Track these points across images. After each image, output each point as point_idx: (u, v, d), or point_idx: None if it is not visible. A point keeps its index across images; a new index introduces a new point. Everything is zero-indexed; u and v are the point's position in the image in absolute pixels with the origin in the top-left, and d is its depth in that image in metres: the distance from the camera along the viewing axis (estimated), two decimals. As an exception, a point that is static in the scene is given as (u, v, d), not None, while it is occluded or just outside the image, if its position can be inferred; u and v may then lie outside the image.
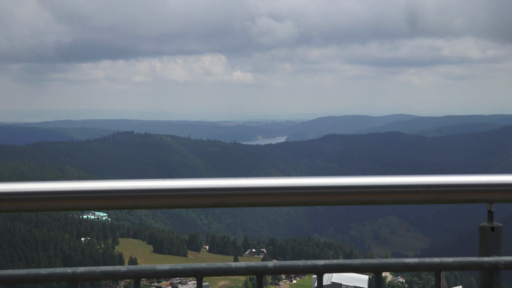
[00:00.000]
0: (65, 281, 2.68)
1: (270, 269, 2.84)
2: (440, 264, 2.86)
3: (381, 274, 2.89)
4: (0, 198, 2.71)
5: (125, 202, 2.82)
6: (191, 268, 2.77)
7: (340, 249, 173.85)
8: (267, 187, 2.88)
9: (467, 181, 2.95)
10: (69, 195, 2.75)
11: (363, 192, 2.93)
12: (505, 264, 2.82)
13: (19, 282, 2.68)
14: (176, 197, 2.83)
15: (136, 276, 2.75)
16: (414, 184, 2.95)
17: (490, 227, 2.90)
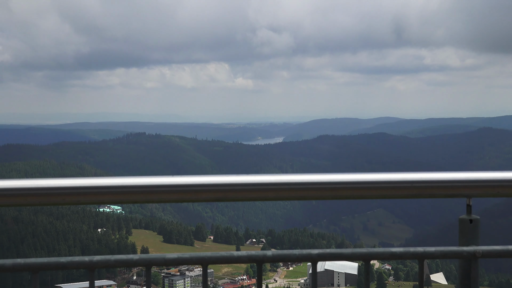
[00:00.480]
0: (82, 268, 2.70)
1: (269, 258, 2.84)
2: (423, 253, 2.88)
3: (370, 262, 2.90)
4: (25, 193, 2.72)
5: (138, 197, 2.83)
6: (197, 257, 2.78)
7: (332, 239, 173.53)
8: (266, 183, 2.89)
9: (447, 177, 2.97)
10: (87, 190, 2.76)
11: (353, 187, 2.95)
12: (482, 253, 2.83)
13: (42, 269, 2.68)
14: (184, 192, 2.84)
15: (147, 264, 2.76)
16: (399, 180, 2.96)
17: (469, 219, 2.92)
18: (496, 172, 3.01)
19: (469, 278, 2.91)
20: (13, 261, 2.67)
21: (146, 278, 2.82)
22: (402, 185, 2.96)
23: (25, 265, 2.67)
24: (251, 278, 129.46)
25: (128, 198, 2.84)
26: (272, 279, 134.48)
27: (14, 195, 2.72)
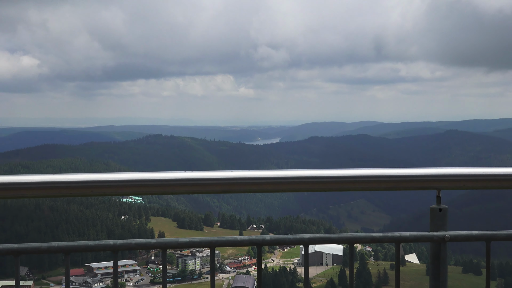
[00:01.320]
0: (108, 250, 2.70)
1: (267, 241, 2.85)
2: (399, 237, 2.88)
3: (353, 244, 2.91)
4: (59, 186, 2.73)
5: (155, 189, 2.84)
6: (206, 240, 2.79)
7: (321, 225, 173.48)
8: (265, 177, 2.90)
9: (420, 172, 2.97)
10: (112, 183, 2.77)
11: (339, 181, 2.95)
12: (450, 237, 2.84)
13: (73, 251, 2.68)
14: (195, 185, 2.85)
15: (163, 246, 2.76)
16: (379, 175, 2.96)
17: (438, 208, 2.92)
18: (461, 168, 3.01)
19: (439, 259, 2.91)
20: (49, 244, 2.67)
21: (162, 259, 2.83)
22: (380, 179, 2.96)
23: (59, 247, 2.67)
24: (252, 258, 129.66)
25: (147, 190, 2.84)
26: (270, 259, 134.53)
27: (51, 188, 2.73)
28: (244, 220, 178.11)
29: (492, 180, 2.98)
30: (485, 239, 2.90)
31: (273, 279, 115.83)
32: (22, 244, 2.60)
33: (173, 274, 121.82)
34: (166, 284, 2.88)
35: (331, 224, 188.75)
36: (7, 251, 2.55)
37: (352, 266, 2.94)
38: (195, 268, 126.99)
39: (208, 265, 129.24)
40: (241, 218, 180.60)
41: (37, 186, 2.70)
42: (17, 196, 2.69)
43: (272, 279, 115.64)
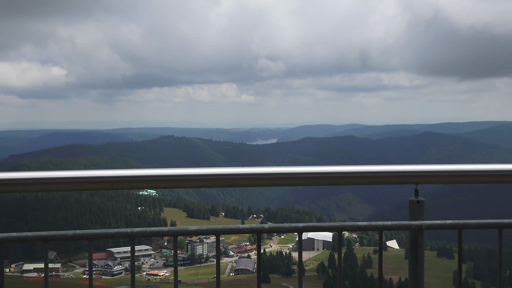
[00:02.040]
0: (126, 237, 2.70)
1: (266, 229, 2.85)
2: (382, 226, 2.88)
3: (342, 232, 2.91)
4: (84, 181, 2.74)
5: (168, 183, 2.84)
6: (212, 229, 2.78)
7: (313, 215, 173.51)
8: (264, 173, 2.89)
9: (400, 169, 2.97)
10: (130, 178, 2.77)
11: (329, 176, 2.95)
12: (427, 226, 2.84)
13: (95, 238, 2.68)
14: (202, 180, 2.85)
15: (174, 234, 2.76)
16: (364, 171, 2.96)
17: (416, 200, 2.92)
18: (436, 165, 3.02)
19: (417, 245, 2.91)
20: (74, 232, 2.67)
21: (174, 245, 2.83)
22: (365, 175, 2.96)
23: (83, 235, 2.67)
24: (252, 244, 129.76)
25: (161, 184, 2.85)
26: (268, 245, 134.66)
27: (76, 182, 2.74)
28: (246, 211, 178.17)
29: (463, 176, 2.98)
30: (458, 227, 2.91)
31: (271, 262, 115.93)
32: (50, 232, 2.60)
33: (183, 258, 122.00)
34: (177, 267, 2.88)
35: (322, 214, 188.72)
36: (38, 238, 2.56)
37: (340, 251, 2.94)
38: (203, 253, 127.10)
39: (214, 250, 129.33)
40: (243, 209, 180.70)
41: (64, 181, 2.71)
42: (47, 190, 2.70)
43: (270, 262, 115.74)
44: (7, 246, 2.56)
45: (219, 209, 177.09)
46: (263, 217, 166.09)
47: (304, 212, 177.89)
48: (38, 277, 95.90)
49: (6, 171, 2.72)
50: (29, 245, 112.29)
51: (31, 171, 2.74)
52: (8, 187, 2.66)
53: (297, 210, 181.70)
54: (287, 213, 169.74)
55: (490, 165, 3.01)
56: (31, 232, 2.57)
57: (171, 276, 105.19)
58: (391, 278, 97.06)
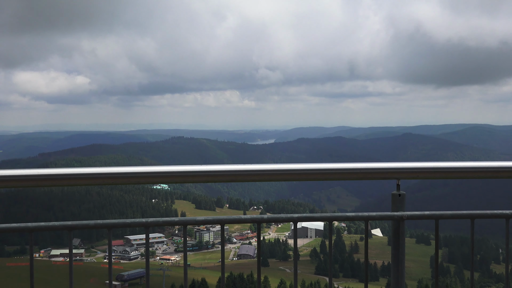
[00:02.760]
0: (141, 226, 2.70)
1: (265, 219, 2.85)
2: (367, 216, 2.88)
3: (332, 222, 2.90)
4: (104, 176, 2.73)
5: (178, 179, 2.84)
6: (218, 219, 2.78)
7: (307, 207, 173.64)
8: (263, 169, 2.89)
9: (383, 166, 2.97)
10: (145, 174, 2.77)
11: (320, 172, 2.94)
12: (407, 216, 2.84)
13: (114, 227, 2.69)
14: (209, 176, 2.84)
15: (184, 223, 2.76)
16: (351, 168, 2.95)
17: (398, 194, 2.92)
18: (415, 163, 3.02)
19: (398, 233, 2.91)
20: (95, 222, 2.67)
21: (183, 233, 2.82)
22: (353, 171, 2.96)
23: (103, 224, 2.67)
24: (253, 232, 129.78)
25: (172, 179, 2.84)
26: (267, 233, 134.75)
27: (97, 178, 2.74)
28: (247, 203, 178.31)
29: (439, 172, 2.98)
30: (435, 218, 2.90)
31: (270, 248, 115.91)
32: (75, 221, 2.61)
33: (192, 244, 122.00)
34: (186, 252, 2.88)
35: (314, 206, 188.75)
36: (63, 227, 2.56)
37: (331, 239, 2.93)
38: (209, 240, 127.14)
39: (219, 237, 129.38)
40: (244, 201, 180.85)
41: (87, 176, 2.71)
42: (72, 184, 2.70)
43: (269, 248, 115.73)
44: (36, 234, 2.58)
45: (223, 201, 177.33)
46: (263, 208, 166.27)
47: (299, 204, 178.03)
48: (64, 261, 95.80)
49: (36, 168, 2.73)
50: (56, 233, 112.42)
51: (58, 168, 2.74)
52: (38, 182, 2.67)
53: (293, 202, 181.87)
54: (283, 205, 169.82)
55: (463, 163, 3.00)
56: (58, 222, 2.57)
57: (181, 260, 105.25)
58: (375, 262, 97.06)
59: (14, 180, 2.65)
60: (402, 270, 2.91)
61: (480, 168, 2.98)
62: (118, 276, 78.46)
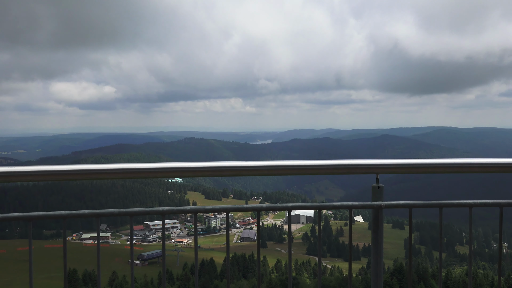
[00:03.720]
0: (158, 214, 2.70)
1: (264, 208, 2.84)
2: (351, 205, 2.87)
3: (321, 210, 2.90)
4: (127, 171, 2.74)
5: (190, 173, 2.83)
6: (223, 207, 2.78)
7: (299, 197, 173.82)
8: (262, 165, 2.88)
9: (365, 162, 2.96)
10: (162, 170, 2.77)
11: (311, 168, 2.94)
12: (385, 205, 2.84)
13: (135, 215, 2.68)
14: (216, 171, 2.84)
15: (195, 211, 2.75)
16: (337, 164, 2.95)
17: (377, 186, 2.92)
18: (392, 160, 3.01)
19: (377, 219, 2.91)
20: (119, 210, 2.67)
21: (194, 219, 2.82)
22: (338, 167, 2.95)
23: (126, 212, 2.67)
24: (253, 219, 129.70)
25: (185, 174, 2.84)
26: (265, 219, 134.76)
27: (121, 172, 2.75)
28: (249, 194, 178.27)
29: (412, 168, 2.98)
30: (408, 206, 2.90)
31: (268, 233, 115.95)
32: (102, 210, 2.61)
33: (202, 229, 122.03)
34: (197, 236, 2.88)
35: (306, 196, 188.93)
36: (92, 214, 2.57)
37: (320, 224, 2.94)
38: (216, 225, 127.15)
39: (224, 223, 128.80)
40: (246, 192, 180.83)
41: (112, 171, 2.71)
42: (100, 178, 2.70)
43: (267, 232, 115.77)
44: (69, 220, 2.59)
45: (228, 193, 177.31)
46: (262, 198, 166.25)
47: (293, 195, 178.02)
48: (93, 243, 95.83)
49: (69, 164, 2.74)
50: (86, 219, 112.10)
51: (87, 164, 2.75)
52: (71, 176, 2.67)
53: (287, 193, 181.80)
54: (279, 195, 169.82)
55: (432, 160, 3.00)
56: (87, 210, 2.58)
57: (192, 243, 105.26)
58: (357, 244, 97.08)
59: (51, 174, 2.66)
60: (380, 251, 2.91)
61: (447, 164, 2.98)
62: (139, 256, 78.45)
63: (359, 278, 63.71)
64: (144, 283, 52.08)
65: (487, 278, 47.92)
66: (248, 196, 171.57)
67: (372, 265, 2.91)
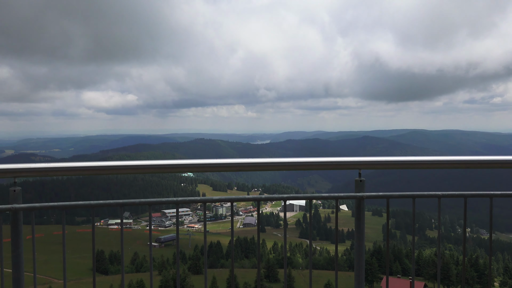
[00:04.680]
0: (172, 203, 2.69)
1: (263, 198, 2.83)
2: (337, 196, 2.87)
3: (311, 200, 2.90)
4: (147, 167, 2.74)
5: (200, 169, 2.83)
6: (228, 198, 2.77)
7: (293, 189, 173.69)
8: (261, 162, 2.89)
9: (349, 159, 2.96)
10: (175, 166, 2.77)
11: (303, 164, 2.94)
12: (366, 196, 2.84)
13: (153, 204, 2.68)
14: (222, 167, 2.83)
15: (204, 201, 2.74)
16: (325, 161, 2.94)
17: (360, 180, 2.92)
18: (372, 157, 3.01)
19: (360, 208, 2.91)
20: (140, 200, 2.67)
21: (203, 208, 2.82)
22: (326, 163, 2.95)
23: (145, 202, 2.67)
24: (254, 207, 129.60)
25: (195, 169, 2.84)
26: (264, 208, 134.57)
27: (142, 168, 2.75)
28: (250, 186, 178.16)
29: (389, 164, 2.98)
30: (386, 197, 2.90)
31: (266, 219, 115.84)
32: (125, 200, 2.61)
33: (210, 216, 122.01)
34: (206, 222, 2.88)
35: (299, 188, 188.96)
36: (117, 204, 2.58)
37: (310, 212, 2.93)
38: (223, 213, 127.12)
39: (229, 211, 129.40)
40: (248, 185, 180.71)
41: (134, 167, 2.71)
42: (123, 173, 2.70)
43: (265, 219, 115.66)
44: (97, 209, 2.60)
45: (233, 185, 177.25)
46: (261, 190, 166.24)
47: (287, 187, 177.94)
48: (117, 228, 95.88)
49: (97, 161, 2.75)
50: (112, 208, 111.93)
51: (113, 161, 2.75)
52: (99, 171, 2.68)
53: (283, 185, 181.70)
54: (276, 187, 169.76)
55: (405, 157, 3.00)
56: (113, 200, 2.58)
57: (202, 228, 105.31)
58: (342, 229, 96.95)
59: (82, 170, 2.66)
60: (362, 235, 2.91)
61: (419, 161, 2.98)
62: (156, 239, 78.49)
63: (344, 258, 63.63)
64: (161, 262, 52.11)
65: (452, 257, 47.90)
66: (249, 188, 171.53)
67: (355, 247, 2.91)
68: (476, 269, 43.82)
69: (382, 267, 45.58)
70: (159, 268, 49.43)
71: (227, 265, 61.10)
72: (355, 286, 2.87)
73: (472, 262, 44.72)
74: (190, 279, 42.85)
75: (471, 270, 43.33)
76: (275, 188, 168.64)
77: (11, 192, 2.46)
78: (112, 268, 58.62)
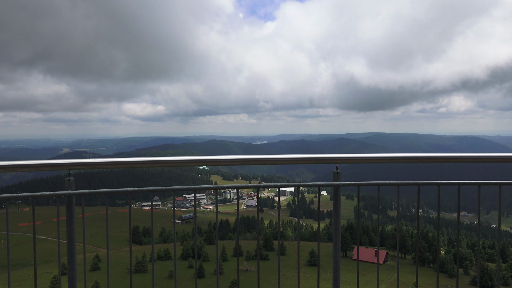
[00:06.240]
0: (191, 190, 2.68)
1: (261, 186, 2.83)
2: (319, 184, 2.86)
3: (299, 187, 2.89)
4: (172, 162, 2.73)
5: (213, 163, 2.83)
6: (235, 186, 2.77)
7: (285, 179, 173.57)
8: (261, 158, 2.89)
9: (328, 155, 2.96)
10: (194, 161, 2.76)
11: (293, 160, 2.93)
12: (342, 184, 2.83)
13: (176, 190, 2.67)
14: (230, 162, 2.84)
15: (216, 188, 2.73)
16: (310, 157, 2.94)
17: (337, 171, 2.91)
18: (346, 154, 3.01)
19: (337, 194, 2.90)
20: (166, 187, 2.66)
21: (215, 193, 2.81)
22: (310, 159, 2.95)
23: (170, 189, 2.66)
24: (254, 193, 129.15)
25: (209, 163, 2.83)
26: (262, 193, 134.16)
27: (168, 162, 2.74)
28: (251, 176, 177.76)
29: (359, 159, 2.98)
30: (357, 185, 2.89)
31: (264, 202, 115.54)
32: (155, 187, 2.61)
33: (220, 200, 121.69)
34: (217, 204, 2.87)
35: (289, 178, 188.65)
36: (148, 190, 2.57)
37: (298, 197, 2.92)
38: (230, 197, 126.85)
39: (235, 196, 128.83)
40: (250, 175, 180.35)
41: (162, 162, 2.71)
42: (154, 166, 2.71)
43: (264, 202, 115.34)
44: (134, 194, 2.60)
45: (238, 175, 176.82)
46: (260, 179, 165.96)
47: (280, 177, 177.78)
48: (149, 209, 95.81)
49: (134, 157, 2.75)
50: (145, 193, 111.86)
51: (146, 157, 2.75)
52: (135, 165, 2.68)
53: (277, 176, 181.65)
54: (272, 177, 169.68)
55: (372, 154, 3.00)
56: (145, 187, 2.58)
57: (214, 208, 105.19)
58: (323, 209, 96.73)
59: (122, 164, 2.65)
60: (338, 214, 2.90)
61: (382, 157, 2.98)
62: (179, 218, 78.46)
63: (324, 232, 63.57)
64: (182, 235, 52.14)
65: (408, 232, 47.90)
66: (251, 178, 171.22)
67: (333, 223, 2.90)
68: (426, 241, 43.85)
69: (353, 239, 45.55)
70: (181, 240, 49.56)
71: (233, 238, 61.13)
72: (333, 254, 2.87)
73: (423, 235, 44.76)
74: (205, 248, 43.06)
75: (423, 241, 43.38)
76: (271, 178, 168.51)
77: (66, 181, 2.49)
78: (145, 240, 58.75)
